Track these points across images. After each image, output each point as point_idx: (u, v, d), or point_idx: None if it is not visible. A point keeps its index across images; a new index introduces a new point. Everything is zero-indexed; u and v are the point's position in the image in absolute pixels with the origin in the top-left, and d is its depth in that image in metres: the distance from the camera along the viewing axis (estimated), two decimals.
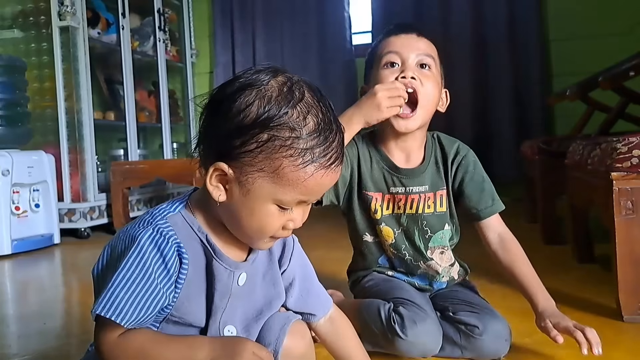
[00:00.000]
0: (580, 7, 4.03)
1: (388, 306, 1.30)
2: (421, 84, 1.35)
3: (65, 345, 1.58)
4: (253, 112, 0.80)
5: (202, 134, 0.86)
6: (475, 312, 1.32)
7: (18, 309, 2.10)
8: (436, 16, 4.31)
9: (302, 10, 4.64)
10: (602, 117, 2.83)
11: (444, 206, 1.44)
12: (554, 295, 1.33)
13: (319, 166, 0.81)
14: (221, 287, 0.89)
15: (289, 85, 0.82)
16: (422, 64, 1.38)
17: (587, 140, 1.96)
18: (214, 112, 0.84)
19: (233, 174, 0.82)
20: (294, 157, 0.80)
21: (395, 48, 1.38)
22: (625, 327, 1.51)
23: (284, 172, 0.80)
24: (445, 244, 1.45)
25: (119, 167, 3.72)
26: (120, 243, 0.84)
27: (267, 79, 0.82)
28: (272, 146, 0.79)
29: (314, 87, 0.85)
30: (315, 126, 0.81)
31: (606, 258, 1.76)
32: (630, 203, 1.52)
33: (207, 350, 0.82)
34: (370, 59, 1.44)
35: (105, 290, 0.79)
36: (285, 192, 0.82)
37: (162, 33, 4.45)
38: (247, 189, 0.82)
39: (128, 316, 0.79)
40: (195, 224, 0.88)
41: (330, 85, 4.58)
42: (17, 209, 3.13)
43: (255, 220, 0.84)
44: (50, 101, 3.54)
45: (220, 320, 0.90)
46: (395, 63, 1.38)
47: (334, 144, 0.83)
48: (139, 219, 0.87)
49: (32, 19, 3.55)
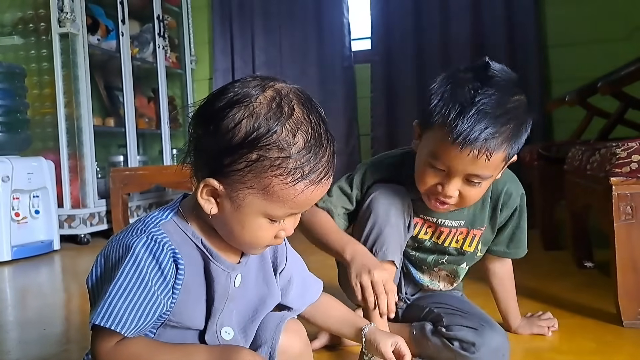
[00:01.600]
0: (578, 13, 4.04)
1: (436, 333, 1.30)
2: (463, 196, 1.21)
3: (64, 352, 1.58)
4: (242, 131, 0.79)
5: (192, 145, 0.86)
6: (472, 326, 1.26)
7: (18, 315, 2.10)
8: (435, 22, 4.31)
9: (301, 16, 4.64)
10: (601, 122, 2.83)
11: (473, 246, 1.39)
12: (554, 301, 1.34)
13: (309, 183, 0.82)
14: (220, 289, 0.89)
15: (278, 100, 0.81)
16: (471, 180, 1.19)
17: (586, 145, 1.96)
18: (203, 128, 0.84)
19: (224, 190, 0.82)
20: (284, 176, 0.80)
21: (449, 162, 1.16)
22: (625, 332, 1.50)
23: (273, 190, 0.80)
24: (455, 274, 1.45)
25: (119, 173, 3.72)
26: (114, 252, 0.84)
27: (255, 94, 0.81)
28: (261, 166, 0.79)
29: (304, 99, 0.84)
30: (305, 143, 0.80)
31: (606, 263, 1.76)
32: (629, 208, 1.52)
33: (204, 358, 0.82)
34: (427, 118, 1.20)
35: (103, 300, 0.79)
36: (275, 207, 0.82)
37: (162, 39, 4.45)
38: (238, 204, 0.82)
39: (127, 325, 0.79)
40: (189, 230, 0.88)
41: (329, 91, 4.58)
42: (17, 215, 3.13)
43: (247, 233, 0.85)
44: (50, 107, 3.55)
45: (218, 322, 0.90)
46: (442, 170, 1.19)
47: (324, 159, 0.83)
48: (131, 228, 0.86)
49: (32, 26, 3.55)
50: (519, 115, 1.15)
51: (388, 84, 4.44)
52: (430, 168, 1.19)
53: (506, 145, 1.14)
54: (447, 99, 1.14)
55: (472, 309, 1.36)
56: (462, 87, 1.14)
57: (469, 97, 1.11)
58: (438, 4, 4.29)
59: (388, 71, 4.44)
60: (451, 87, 1.15)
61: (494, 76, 1.15)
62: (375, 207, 1.31)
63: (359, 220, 1.36)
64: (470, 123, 1.10)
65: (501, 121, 1.11)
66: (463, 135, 1.10)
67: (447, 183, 1.18)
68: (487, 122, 1.10)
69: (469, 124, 1.10)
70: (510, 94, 1.15)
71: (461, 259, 1.42)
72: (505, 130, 1.12)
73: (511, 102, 1.14)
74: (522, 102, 1.17)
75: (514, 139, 1.15)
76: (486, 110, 1.11)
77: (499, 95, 1.12)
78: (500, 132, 1.12)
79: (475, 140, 1.10)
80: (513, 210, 1.38)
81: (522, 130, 1.16)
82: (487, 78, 1.14)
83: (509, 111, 1.13)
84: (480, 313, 1.34)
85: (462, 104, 1.11)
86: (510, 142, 1.14)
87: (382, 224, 1.29)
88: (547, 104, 3.79)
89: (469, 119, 1.10)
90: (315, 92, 4.58)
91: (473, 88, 1.12)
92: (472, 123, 1.10)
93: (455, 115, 1.11)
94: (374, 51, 4.49)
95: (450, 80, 1.17)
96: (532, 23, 4.13)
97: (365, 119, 4.57)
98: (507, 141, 1.13)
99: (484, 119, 1.10)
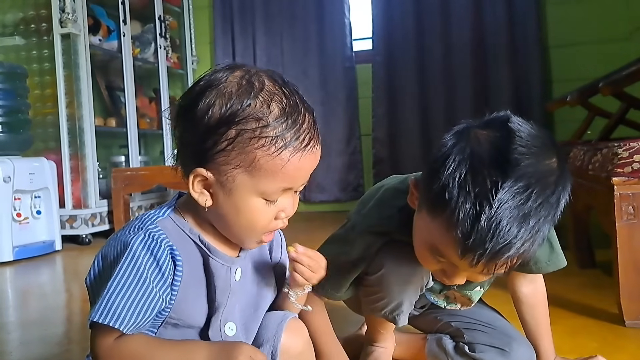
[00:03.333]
0: (579, 13, 4.04)
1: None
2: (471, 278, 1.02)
3: (66, 352, 1.58)
4: (216, 111, 0.80)
5: (178, 144, 0.87)
6: (498, 346, 1.17)
7: (19, 315, 2.10)
8: (437, 22, 4.31)
9: (303, 17, 4.65)
10: (603, 122, 2.83)
11: None
12: (556, 301, 1.33)
13: (294, 150, 0.81)
14: (221, 283, 0.89)
15: (247, 77, 0.82)
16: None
17: (588, 145, 1.96)
18: (183, 121, 0.85)
19: (213, 177, 0.82)
20: (267, 147, 0.80)
21: (457, 264, 0.95)
22: (627, 332, 1.50)
23: (259, 163, 0.80)
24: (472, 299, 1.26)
25: (120, 173, 3.72)
26: (112, 250, 0.84)
27: (224, 76, 0.83)
28: (242, 140, 0.80)
29: (275, 76, 0.85)
30: (280, 111, 0.81)
31: (608, 263, 1.76)
32: (631, 208, 1.52)
33: (204, 355, 0.82)
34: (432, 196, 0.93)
35: (102, 297, 0.79)
36: (266, 183, 0.82)
37: (163, 40, 4.46)
38: (229, 188, 0.82)
39: (126, 321, 0.79)
40: (186, 226, 0.88)
41: (330, 91, 4.59)
42: (18, 215, 3.13)
43: (243, 217, 0.84)
44: (51, 108, 3.55)
45: (222, 317, 0.90)
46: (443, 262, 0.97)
47: (305, 125, 0.83)
48: (128, 225, 0.87)
49: (34, 26, 3.56)
50: (552, 203, 0.89)
51: (389, 84, 4.45)
52: (433, 257, 0.98)
53: (532, 249, 0.90)
54: (458, 189, 0.87)
55: (494, 320, 1.26)
56: (480, 174, 0.87)
57: (488, 195, 0.85)
58: (439, 4, 4.30)
59: (389, 71, 4.44)
60: (467, 172, 0.88)
61: (520, 158, 0.87)
62: (388, 284, 1.11)
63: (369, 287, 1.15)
64: (486, 238, 0.85)
65: (528, 227, 0.86)
66: (477, 253, 0.87)
67: (452, 275, 0.98)
68: (508, 235, 0.85)
69: (484, 240, 0.86)
70: (543, 183, 0.88)
71: (473, 284, 1.21)
72: (532, 236, 0.88)
73: (543, 192, 0.87)
74: (557, 180, 0.90)
75: (541, 237, 0.90)
76: (508, 215, 0.85)
77: (527, 190, 0.86)
78: (525, 240, 0.87)
79: (490, 259, 0.88)
80: None
81: (554, 219, 0.91)
82: (511, 162, 0.86)
83: (539, 207, 0.87)
84: (503, 325, 1.25)
85: (476, 206, 0.86)
86: (537, 242, 0.90)
87: (397, 297, 1.12)
88: (548, 104, 3.78)
89: (484, 231, 0.85)
90: (317, 93, 4.60)
91: (493, 181, 0.86)
92: (488, 238, 0.85)
93: (468, 221, 0.86)
94: (376, 51, 4.50)
95: (468, 155, 0.89)
96: (533, 23, 4.14)
97: (366, 119, 4.58)
98: (533, 244, 0.90)
99: (503, 230, 0.85)
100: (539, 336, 1.22)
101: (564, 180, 0.91)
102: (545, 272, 1.18)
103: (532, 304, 1.22)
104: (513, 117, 0.93)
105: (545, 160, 0.89)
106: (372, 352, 1.26)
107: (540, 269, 1.17)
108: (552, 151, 0.91)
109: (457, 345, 1.24)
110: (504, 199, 0.84)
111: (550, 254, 1.16)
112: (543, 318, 1.22)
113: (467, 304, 1.26)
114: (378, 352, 1.25)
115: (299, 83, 0.88)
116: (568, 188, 0.91)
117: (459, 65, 4.25)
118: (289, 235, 1.01)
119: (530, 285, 1.22)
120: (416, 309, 1.33)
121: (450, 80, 4.28)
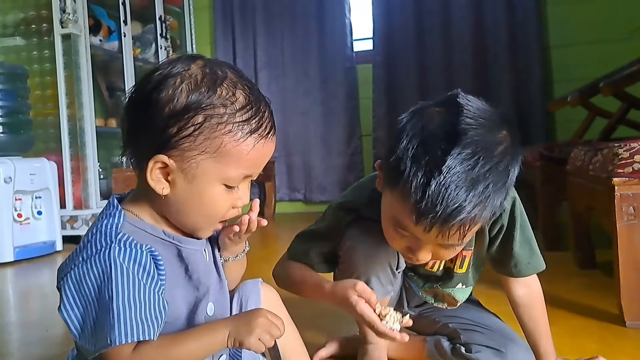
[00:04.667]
0: (579, 14, 4.03)
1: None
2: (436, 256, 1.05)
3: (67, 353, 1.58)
4: (183, 97, 0.81)
5: (129, 136, 0.88)
6: (494, 347, 1.17)
7: (20, 316, 2.10)
8: (437, 23, 4.31)
9: (303, 17, 4.65)
10: (603, 123, 2.83)
11: (464, 268, 1.22)
12: (556, 302, 1.33)
13: (258, 137, 0.84)
14: (201, 267, 0.91)
15: (210, 66, 0.84)
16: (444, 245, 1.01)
17: (589, 146, 1.96)
18: (139, 110, 0.85)
19: (174, 164, 0.82)
20: (234, 132, 0.82)
21: (416, 235, 0.99)
22: (628, 333, 1.50)
23: (226, 149, 0.82)
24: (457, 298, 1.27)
25: (121, 174, 3.72)
26: (88, 274, 0.79)
27: (186, 64, 0.83)
28: (210, 126, 0.81)
29: (233, 67, 0.87)
30: (245, 100, 0.83)
31: (608, 264, 1.76)
32: (632, 209, 1.52)
33: (225, 326, 0.82)
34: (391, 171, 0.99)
35: (112, 319, 0.76)
36: (230, 169, 0.83)
37: (164, 40, 4.46)
38: (192, 175, 0.83)
39: (149, 329, 0.77)
40: (147, 227, 0.87)
41: (331, 91, 4.59)
42: (19, 216, 3.13)
43: (205, 204, 0.85)
44: (52, 108, 3.55)
45: (211, 299, 0.92)
46: (406, 236, 1.01)
47: (267, 114, 0.86)
48: (87, 245, 0.82)
49: (34, 27, 3.56)
50: (503, 171, 0.94)
51: (390, 84, 4.45)
52: (396, 232, 1.02)
53: (483, 215, 0.94)
54: (411, 160, 0.93)
55: (491, 322, 1.26)
56: (430, 145, 0.93)
57: (437, 162, 0.90)
58: (440, 4, 4.30)
59: (390, 72, 4.44)
60: (418, 144, 0.94)
61: (467, 128, 0.92)
62: (357, 257, 1.15)
63: (342, 263, 1.20)
64: (433, 199, 0.90)
65: (477, 192, 0.91)
66: (429, 217, 0.92)
67: (417, 249, 1.02)
68: (454, 198, 0.90)
69: (435, 203, 0.90)
70: (490, 149, 0.93)
71: (454, 281, 1.24)
72: (482, 201, 0.92)
73: (491, 159, 0.92)
74: (506, 149, 0.95)
75: (491, 204, 0.94)
76: (456, 182, 0.90)
77: (474, 157, 0.91)
78: (474, 205, 0.92)
79: (443, 223, 0.92)
80: (504, 218, 1.16)
81: (507, 183, 0.96)
82: (459, 132, 0.92)
83: (487, 173, 0.92)
84: (501, 327, 1.25)
85: (426, 173, 0.91)
86: (488, 209, 0.94)
87: (365, 271, 1.14)
88: (548, 105, 3.79)
89: (434, 195, 0.90)
90: (317, 93, 4.60)
91: (442, 149, 0.91)
92: (435, 199, 0.90)
93: (420, 187, 0.91)
94: (376, 52, 4.50)
95: (419, 129, 0.96)
96: (534, 23, 4.13)
97: (367, 120, 4.58)
98: (484, 210, 0.94)
99: (452, 195, 0.90)
100: (537, 337, 1.22)
101: (513, 151, 0.96)
102: (525, 275, 1.20)
103: (529, 305, 1.22)
104: (462, 93, 0.99)
105: (494, 131, 0.95)
106: (365, 351, 1.28)
107: (520, 271, 1.19)
108: (501, 125, 0.97)
109: (454, 346, 1.24)
110: (452, 165, 0.90)
111: (530, 256, 1.18)
112: (541, 319, 1.22)
113: (452, 304, 1.28)
114: (370, 348, 1.27)
115: (299, 83, 0.90)
116: (518, 160, 0.97)
117: (459, 66, 4.24)
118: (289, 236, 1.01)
119: (524, 288, 1.22)
120: (412, 308, 1.35)
121: (450, 81, 4.27)
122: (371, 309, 0.99)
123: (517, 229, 1.16)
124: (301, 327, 1.12)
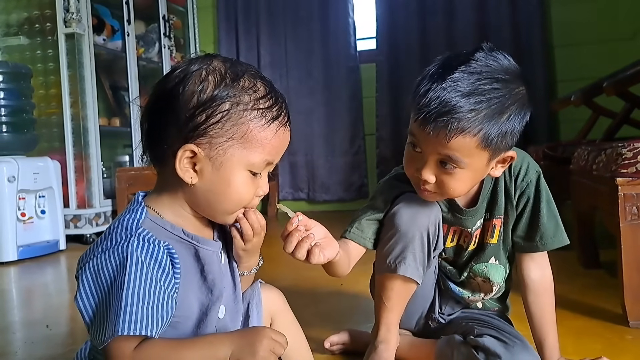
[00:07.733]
0: (583, 13, 4.03)
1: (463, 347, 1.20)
2: (441, 183, 1.11)
3: (70, 352, 1.58)
4: (210, 87, 0.86)
5: (150, 133, 0.90)
6: (503, 340, 1.15)
7: (24, 315, 2.10)
8: (440, 23, 4.31)
9: (307, 16, 4.65)
10: (607, 122, 2.83)
11: (495, 237, 1.25)
12: (560, 302, 1.32)
13: (279, 124, 0.89)
14: (215, 268, 0.92)
15: (230, 62, 0.90)
16: (444, 163, 1.08)
17: (592, 145, 1.96)
18: (164, 105, 0.87)
19: (202, 152, 0.85)
20: (258, 119, 0.87)
21: (418, 141, 1.10)
22: (632, 333, 1.50)
23: (252, 134, 0.86)
24: (492, 279, 1.28)
25: (125, 173, 3.73)
26: (105, 264, 0.81)
27: (207, 60, 0.88)
28: (237, 112, 0.85)
29: (247, 63, 0.92)
30: (265, 90, 0.89)
31: (612, 264, 1.76)
32: (635, 208, 1.52)
33: (228, 344, 0.83)
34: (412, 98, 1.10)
35: (120, 310, 0.77)
36: (255, 154, 0.87)
37: (167, 39, 4.46)
38: (220, 162, 0.86)
39: (154, 326, 0.79)
40: (167, 224, 0.89)
41: (334, 91, 4.59)
42: (22, 215, 3.14)
43: (233, 190, 0.88)
44: (55, 108, 3.56)
45: (223, 302, 0.93)
46: (419, 152, 1.11)
47: (284, 104, 0.91)
48: (108, 238, 0.85)
49: (38, 26, 3.57)
50: (501, 101, 1.03)
51: (393, 83, 4.45)
52: (410, 149, 1.13)
53: (473, 128, 1.01)
54: (427, 76, 1.06)
55: (509, 329, 1.25)
56: (446, 65, 1.05)
57: (445, 74, 1.03)
58: (443, 3, 4.30)
59: (393, 71, 4.44)
60: (438, 66, 1.07)
61: (482, 57, 1.06)
62: (398, 220, 1.20)
63: (382, 234, 1.24)
64: (432, 98, 1.02)
65: (470, 101, 1.01)
66: (423, 111, 1.03)
67: (422, 167, 1.10)
68: (449, 99, 1.01)
69: (429, 100, 1.02)
70: (494, 78, 1.03)
71: (487, 253, 1.26)
72: (474, 111, 1.01)
73: (491, 85, 1.03)
74: (511, 90, 1.05)
75: (486, 124, 1.02)
76: (455, 88, 1.01)
77: (477, 76, 1.03)
78: (466, 111, 1.01)
79: (431, 116, 1.02)
80: (530, 190, 1.21)
81: (504, 118, 1.04)
82: (474, 58, 1.05)
83: (485, 92, 1.02)
84: (517, 333, 1.23)
85: (434, 81, 1.03)
86: (480, 125, 1.02)
87: (403, 238, 1.19)
88: (552, 104, 3.78)
89: (433, 94, 1.02)
90: (321, 92, 4.60)
91: (453, 66, 1.03)
92: (433, 99, 1.02)
93: (425, 91, 1.03)
94: (379, 51, 4.50)
95: (442, 58, 1.09)
96: (537, 23, 4.13)
97: (370, 119, 4.58)
98: (475, 124, 1.01)
99: (448, 96, 1.01)
100: (544, 331, 1.23)
101: (519, 98, 1.07)
102: (551, 247, 1.24)
103: (539, 291, 1.24)
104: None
105: (509, 77, 1.07)
106: (374, 350, 1.27)
107: (545, 244, 1.23)
108: (519, 79, 1.09)
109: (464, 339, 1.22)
110: (456, 77, 1.02)
111: (555, 230, 1.23)
112: (549, 308, 1.24)
113: (489, 290, 1.30)
114: (380, 348, 1.26)
115: (302, 83, 0.93)
116: (521, 109, 1.07)
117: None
118: None
119: (539, 271, 1.25)
120: (442, 315, 1.35)
121: None
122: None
123: (543, 202, 1.22)
124: (305, 325, 1.12)
